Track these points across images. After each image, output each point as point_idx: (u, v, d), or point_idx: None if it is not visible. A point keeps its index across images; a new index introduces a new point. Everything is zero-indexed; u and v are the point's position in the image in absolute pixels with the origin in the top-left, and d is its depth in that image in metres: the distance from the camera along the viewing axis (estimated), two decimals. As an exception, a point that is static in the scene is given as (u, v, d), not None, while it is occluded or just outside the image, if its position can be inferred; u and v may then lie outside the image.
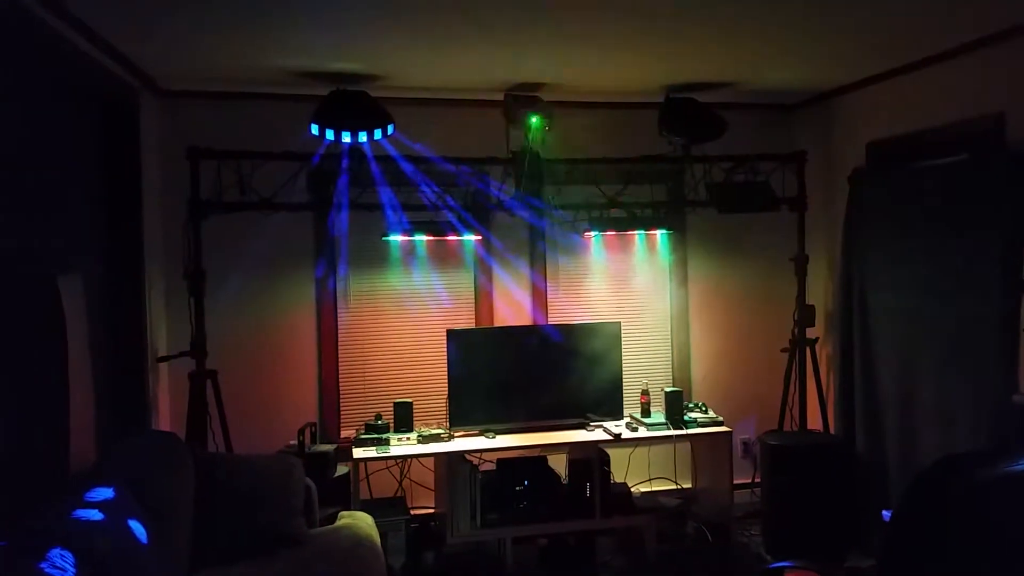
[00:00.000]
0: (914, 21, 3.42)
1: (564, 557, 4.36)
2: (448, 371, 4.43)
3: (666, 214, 4.77)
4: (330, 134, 3.94)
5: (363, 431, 4.29)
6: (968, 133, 3.81)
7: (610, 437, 4.31)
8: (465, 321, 4.83)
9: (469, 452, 4.25)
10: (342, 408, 4.72)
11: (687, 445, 4.85)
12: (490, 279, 4.88)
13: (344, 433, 4.61)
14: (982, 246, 3.61)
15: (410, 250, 4.72)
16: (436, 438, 4.25)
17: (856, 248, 4.47)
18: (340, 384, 4.72)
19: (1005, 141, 3.57)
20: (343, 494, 4.03)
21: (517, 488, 4.28)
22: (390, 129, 4.03)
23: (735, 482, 4.57)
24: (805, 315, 4.68)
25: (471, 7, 3.09)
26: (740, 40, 3.65)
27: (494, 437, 4.32)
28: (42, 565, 2.16)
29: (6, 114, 2.98)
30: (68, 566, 2.21)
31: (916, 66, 4.08)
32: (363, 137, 3.98)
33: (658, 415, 4.56)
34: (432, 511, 4.58)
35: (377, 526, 3.68)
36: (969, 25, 3.51)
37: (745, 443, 5.14)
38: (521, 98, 4.25)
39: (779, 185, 4.62)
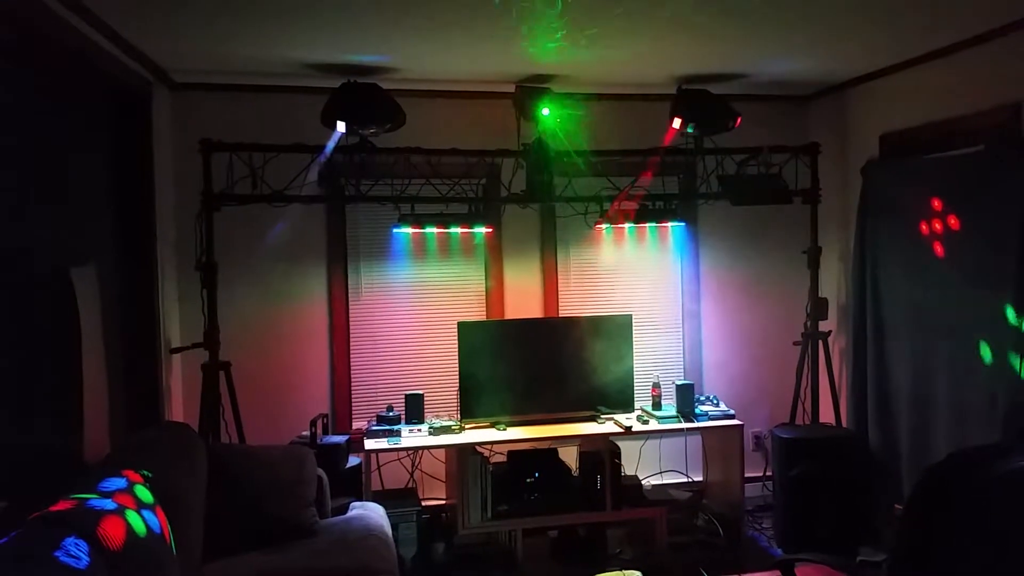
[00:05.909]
0: (928, 11, 3.39)
1: (575, 549, 4.37)
2: (459, 363, 4.43)
3: (678, 206, 4.75)
4: (341, 126, 3.94)
5: (375, 422, 4.31)
6: (983, 124, 3.78)
7: (621, 430, 4.31)
8: (476, 313, 4.84)
9: (480, 444, 4.26)
10: (354, 399, 4.73)
11: (698, 438, 4.85)
12: (501, 271, 4.88)
13: (356, 424, 4.64)
14: (997, 239, 3.57)
15: (421, 242, 4.72)
16: (447, 430, 4.26)
17: (869, 240, 4.44)
18: (352, 376, 4.73)
19: (1021, 132, 3.54)
20: (355, 485, 4.05)
21: (528, 480, 4.29)
22: (401, 121, 4.03)
23: (746, 475, 4.56)
24: (818, 308, 4.66)
25: (482, -2, 3.09)
26: (753, 30, 3.62)
27: (505, 429, 4.33)
28: (56, 553, 2.18)
29: (20, 108, 3.00)
30: (82, 554, 2.23)
31: (930, 57, 4.05)
32: (374, 129, 3.98)
33: (669, 408, 4.55)
34: (443, 502, 4.59)
35: (388, 517, 3.70)
36: (984, 15, 3.47)
37: (757, 436, 5.13)
38: (532, 90, 4.24)
39: (792, 177, 4.60)
